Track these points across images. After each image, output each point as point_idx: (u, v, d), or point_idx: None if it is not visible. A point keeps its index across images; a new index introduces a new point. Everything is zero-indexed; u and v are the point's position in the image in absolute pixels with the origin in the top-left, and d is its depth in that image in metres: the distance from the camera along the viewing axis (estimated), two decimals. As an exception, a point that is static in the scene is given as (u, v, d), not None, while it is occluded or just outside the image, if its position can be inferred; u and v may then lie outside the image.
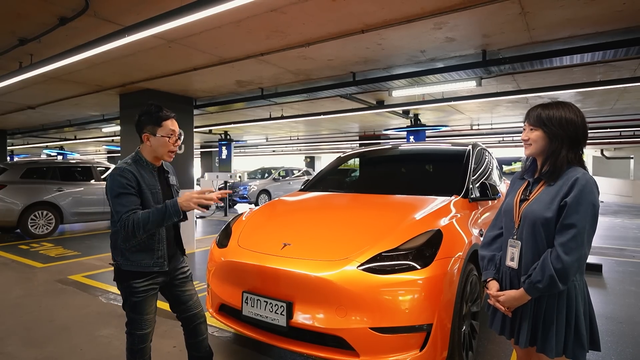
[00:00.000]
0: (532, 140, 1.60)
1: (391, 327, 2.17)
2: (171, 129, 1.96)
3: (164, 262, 2.00)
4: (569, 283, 1.48)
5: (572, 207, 1.45)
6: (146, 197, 1.91)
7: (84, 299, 4.12)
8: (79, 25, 3.43)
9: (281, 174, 15.78)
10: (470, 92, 6.41)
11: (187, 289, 2.16)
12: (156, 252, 1.97)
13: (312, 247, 2.56)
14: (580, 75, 5.47)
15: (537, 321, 1.55)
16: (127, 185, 1.85)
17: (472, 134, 12.33)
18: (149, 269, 1.96)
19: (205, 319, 2.23)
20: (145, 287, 1.97)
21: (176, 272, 2.13)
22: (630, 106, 8.01)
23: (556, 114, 1.57)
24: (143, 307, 1.99)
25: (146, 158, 1.99)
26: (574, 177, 1.50)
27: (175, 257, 2.13)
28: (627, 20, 3.39)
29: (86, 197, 8.31)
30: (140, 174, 1.93)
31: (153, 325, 2.07)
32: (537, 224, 1.53)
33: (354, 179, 4.24)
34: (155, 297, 2.06)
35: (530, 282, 1.50)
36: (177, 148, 1.99)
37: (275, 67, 4.93)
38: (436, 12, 3.19)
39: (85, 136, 14.61)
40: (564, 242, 1.45)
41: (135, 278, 1.95)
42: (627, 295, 4.32)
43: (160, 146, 1.95)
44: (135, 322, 2.00)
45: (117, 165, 1.95)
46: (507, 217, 1.71)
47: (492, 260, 1.75)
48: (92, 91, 6.32)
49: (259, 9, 3.10)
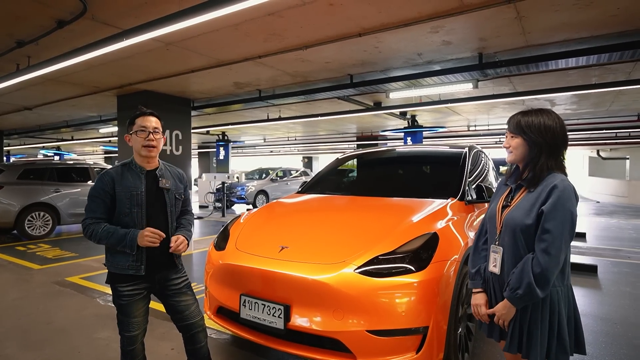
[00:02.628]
0: (513, 147, 1.62)
1: (388, 330, 2.19)
2: (141, 125, 1.98)
3: (141, 265, 1.96)
4: (547, 290, 1.49)
5: (550, 214, 1.47)
6: (120, 199, 1.94)
7: (82, 301, 4.12)
8: (76, 28, 3.43)
9: (279, 175, 15.77)
10: (467, 94, 6.45)
11: (182, 299, 2.12)
12: (131, 255, 1.95)
13: (309, 250, 2.57)
14: (575, 78, 5.51)
15: (522, 329, 1.57)
16: (100, 190, 1.93)
17: (469, 135, 12.38)
18: (125, 271, 1.95)
19: (204, 328, 2.20)
20: (130, 292, 1.98)
21: (167, 281, 2.09)
22: (625, 107, 8.07)
23: (535, 120, 1.57)
24: (129, 310, 1.99)
25: (136, 160, 2.03)
26: (552, 183, 1.51)
27: (167, 266, 2.08)
28: (622, 25, 3.42)
29: (83, 198, 8.25)
30: (122, 177, 1.97)
31: (142, 328, 2.06)
32: (517, 231, 1.55)
33: (352, 181, 4.26)
34: (143, 301, 2.04)
35: (511, 290, 1.52)
36: (151, 142, 1.97)
37: (272, 70, 4.94)
38: (433, 16, 3.21)
39: (83, 137, 14.57)
40: (543, 248, 1.47)
41: (119, 282, 1.97)
42: (622, 296, 4.36)
43: (135, 144, 1.99)
44: (123, 324, 2.02)
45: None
46: (490, 223, 1.74)
47: (479, 272, 1.77)
48: (89, 92, 6.32)
49: (256, 13, 3.12)
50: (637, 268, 5.56)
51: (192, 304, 2.16)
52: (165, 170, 2.14)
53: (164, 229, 2.05)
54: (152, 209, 2.03)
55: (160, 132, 2.04)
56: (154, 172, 2.07)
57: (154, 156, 2.05)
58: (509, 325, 1.60)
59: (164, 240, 2.05)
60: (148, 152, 2.00)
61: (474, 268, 1.78)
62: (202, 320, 2.20)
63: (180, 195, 2.18)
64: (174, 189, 2.13)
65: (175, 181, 2.16)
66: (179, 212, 2.19)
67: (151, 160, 2.06)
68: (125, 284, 1.98)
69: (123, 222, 1.98)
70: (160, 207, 2.06)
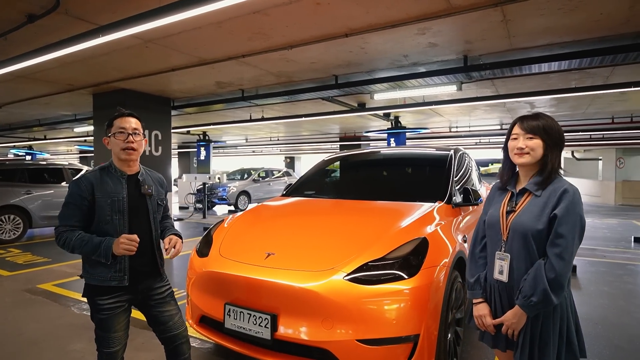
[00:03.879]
0: (531, 148, 1.58)
1: (378, 339, 2.13)
2: (119, 127, 1.86)
3: (124, 276, 1.86)
4: (561, 296, 1.48)
5: (563, 219, 1.47)
6: (100, 206, 1.84)
7: (55, 310, 3.92)
8: (48, 23, 3.26)
9: (261, 175, 15.61)
10: (450, 96, 6.50)
11: (166, 309, 2.02)
12: (114, 265, 1.84)
13: (296, 256, 2.49)
14: (556, 82, 5.62)
15: (534, 337, 1.54)
16: (76, 195, 1.81)
17: (451, 136, 12.54)
18: (106, 283, 1.84)
19: (188, 339, 2.11)
20: (111, 305, 1.86)
21: (151, 291, 1.99)
22: (600, 111, 8.31)
23: (553, 124, 1.59)
24: (110, 325, 1.87)
25: (115, 164, 1.92)
26: (561, 188, 1.52)
27: (150, 275, 1.99)
28: (603, 30, 3.48)
29: (57, 200, 7.96)
30: (102, 181, 1.87)
31: (123, 343, 1.95)
32: (529, 236, 1.53)
33: (338, 184, 4.20)
34: (124, 314, 1.94)
35: (524, 298, 1.49)
36: (130, 145, 1.87)
37: (256, 69, 4.84)
38: (421, 17, 3.19)
39: (56, 136, 14.04)
40: (557, 253, 1.46)
41: (99, 294, 1.85)
42: (601, 295, 4.45)
43: (114, 146, 1.88)
44: (102, 340, 1.89)
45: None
46: (492, 229, 1.69)
47: (478, 281, 1.73)
48: (63, 90, 6.06)
49: (241, 11, 3.02)
50: (613, 267, 5.70)
51: (175, 314, 2.06)
52: (146, 175, 2.03)
53: (148, 237, 1.95)
54: (134, 215, 1.92)
55: (141, 134, 1.93)
56: (135, 177, 1.96)
57: (134, 159, 1.93)
58: (519, 334, 1.56)
59: (148, 249, 1.96)
60: (127, 156, 1.88)
61: (473, 277, 1.74)
62: (185, 331, 2.10)
63: (162, 200, 2.08)
64: (156, 194, 2.03)
65: (157, 186, 2.06)
66: (160, 218, 2.10)
67: (132, 164, 1.95)
68: (105, 297, 1.86)
69: (103, 230, 1.86)
70: (142, 214, 1.96)
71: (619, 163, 18.64)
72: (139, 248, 1.89)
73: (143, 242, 1.93)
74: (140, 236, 1.89)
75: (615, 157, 18.61)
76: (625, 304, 4.20)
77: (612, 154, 18.58)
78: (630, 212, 12.60)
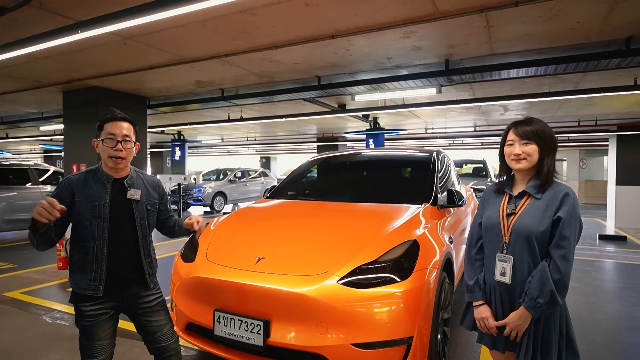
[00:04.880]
0: (527, 153, 1.62)
1: (373, 342, 2.13)
2: (109, 133, 1.79)
3: (99, 286, 1.77)
4: (565, 297, 1.53)
5: (567, 222, 1.52)
6: (79, 210, 1.77)
7: (25, 320, 3.71)
8: (20, 16, 3.07)
9: (237, 176, 15.40)
10: (430, 98, 6.61)
11: (154, 319, 1.95)
12: (89, 274, 1.77)
13: (288, 260, 2.46)
14: (530, 86, 5.82)
15: (537, 337, 1.58)
16: (56, 196, 1.71)
17: (427, 137, 12.78)
18: (82, 291, 1.78)
19: (178, 352, 2.03)
20: (94, 312, 1.80)
21: (138, 299, 1.91)
22: (568, 114, 8.68)
23: (545, 129, 1.63)
24: (93, 333, 1.80)
25: (102, 167, 1.86)
26: (562, 191, 1.57)
27: (136, 282, 1.91)
28: (578, 38, 3.63)
29: (22, 202, 7.57)
30: (85, 184, 1.81)
31: (108, 352, 1.86)
32: (532, 238, 1.56)
33: (323, 186, 4.17)
34: (109, 322, 1.85)
35: (531, 299, 1.52)
36: (118, 154, 1.79)
37: (238, 69, 4.75)
38: (407, 21, 3.21)
39: (19, 134, 13.32)
40: (562, 254, 1.51)
41: (82, 300, 1.79)
42: (573, 292, 4.64)
43: (102, 152, 1.82)
44: (86, 348, 1.81)
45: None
46: (491, 231, 1.72)
47: (477, 283, 1.75)
48: (30, 87, 5.74)
49: (228, 9, 2.95)
50: (582, 264, 5.97)
51: (165, 324, 1.98)
52: (136, 179, 1.94)
53: (133, 245, 1.88)
54: (117, 221, 1.83)
55: (132, 141, 1.85)
56: (122, 180, 1.88)
57: (121, 168, 1.86)
58: (522, 335, 1.59)
59: (132, 256, 1.88)
60: (114, 164, 1.82)
61: (472, 280, 1.76)
62: (176, 342, 2.03)
63: (154, 206, 1.99)
64: (146, 199, 1.93)
65: (148, 190, 1.97)
66: (153, 224, 2.01)
67: (120, 169, 1.87)
68: (88, 303, 1.79)
69: (82, 236, 1.79)
70: (128, 220, 1.87)
71: (582, 164, 19.60)
72: (122, 254, 1.85)
73: (127, 249, 1.87)
74: (122, 243, 1.84)
75: (578, 158, 19.55)
76: (596, 300, 4.40)
77: (576, 155, 19.51)
78: (594, 211, 13.25)
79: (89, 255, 1.78)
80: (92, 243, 1.78)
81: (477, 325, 1.74)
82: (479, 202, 1.90)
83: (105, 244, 1.79)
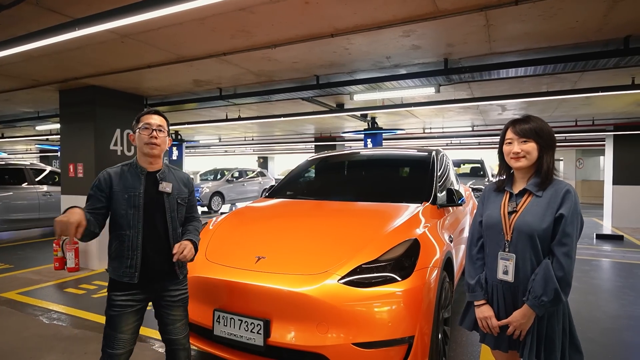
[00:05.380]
0: (526, 151, 1.62)
1: (374, 342, 2.12)
2: (145, 123, 1.94)
3: (135, 272, 1.88)
4: (568, 294, 1.52)
5: (569, 219, 1.52)
6: (116, 200, 1.91)
7: (22, 320, 3.68)
8: (16, 13, 3.04)
9: (235, 175, 15.38)
10: (428, 98, 6.61)
11: (172, 313, 2.04)
12: (125, 261, 1.89)
13: (288, 260, 2.45)
14: (528, 85, 5.83)
15: (540, 336, 1.57)
16: (95, 188, 1.92)
17: (424, 137, 12.78)
18: (119, 278, 1.90)
19: (186, 348, 2.11)
20: (123, 302, 1.89)
21: (165, 292, 2.01)
22: (566, 114, 8.70)
23: (544, 126, 1.64)
24: (117, 323, 1.89)
25: (138, 161, 1.99)
26: (563, 189, 1.57)
27: (167, 274, 1.99)
28: (577, 37, 3.63)
29: (17, 202, 7.53)
30: (122, 176, 1.94)
31: (128, 349, 1.93)
32: (535, 236, 1.56)
33: (322, 185, 4.16)
34: (135, 316, 1.94)
35: (535, 298, 1.51)
36: (153, 140, 1.93)
37: (237, 68, 4.72)
38: (407, 20, 3.20)
39: (15, 134, 13.23)
40: (565, 252, 1.51)
41: (115, 289, 1.92)
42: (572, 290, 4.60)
43: (139, 142, 1.96)
44: (107, 338, 1.91)
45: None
46: (492, 230, 1.71)
47: (479, 282, 1.74)
48: (26, 86, 5.68)
49: (227, 7, 2.93)
50: (580, 263, 5.98)
51: (179, 320, 2.07)
52: (168, 174, 2.04)
53: (164, 235, 1.97)
54: (150, 212, 1.94)
55: (165, 132, 1.99)
56: (155, 174, 1.99)
57: (156, 154, 1.96)
58: (526, 334, 1.59)
59: (164, 247, 1.96)
60: (150, 150, 1.93)
61: (473, 279, 1.75)
62: (185, 339, 2.09)
63: (184, 200, 2.08)
64: (176, 193, 2.03)
65: (179, 185, 2.07)
66: (182, 218, 2.09)
67: (154, 161, 1.99)
68: (120, 293, 1.90)
69: (118, 224, 1.91)
70: (159, 212, 1.97)
71: (579, 164, 19.68)
72: (155, 244, 1.94)
73: (159, 240, 1.96)
74: (155, 233, 1.94)
75: (575, 157, 19.63)
76: (595, 299, 4.41)
77: (572, 155, 19.58)
78: (590, 210, 13.30)
79: (124, 243, 1.89)
80: (128, 231, 1.89)
81: (479, 325, 1.73)
82: (479, 200, 1.90)
83: (140, 232, 1.90)
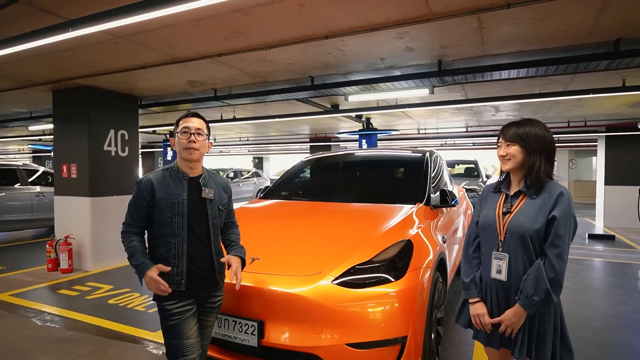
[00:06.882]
0: (511, 154, 1.66)
1: (367, 342, 2.14)
2: (184, 126, 1.89)
3: (181, 280, 1.85)
4: (560, 294, 1.55)
5: (561, 221, 1.55)
6: (160, 207, 1.85)
7: (14, 322, 3.65)
8: (9, 14, 3.02)
9: (230, 176, 15.36)
10: (422, 99, 6.64)
11: (207, 318, 2.05)
12: (172, 269, 1.84)
13: (282, 261, 2.46)
14: (521, 87, 5.88)
15: (531, 334, 1.60)
16: (137, 197, 1.86)
17: (419, 137, 12.84)
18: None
19: (206, 350, 2.10)
20: (179, 309, 1.85)
21: (209, 298, 2.01)
22: (558, 115, 8.78)
23: (531, 130, 1.66)
24: (180, 331, 1.84)
25: (179, 165, 1.94)
26: (556, 191, 1.60)
27: (211, 281, 1.98)
28: (569, 40, 3.67)
29: (10, 203, 7.47)
30: (163, 182, 1.88)
31: (197, 352, 1.89)
32: (527, 237, 1.59)
33: (317, 186, 4.17)
34: (194, 319, 1.91)
35: (527, 297, 1.54)
36: (192, 145, 1.88)
37: (231, 69, 4.73)
38: (401, 22, 3.23)
39: (7, 134, 13.11)
40: (557, 253, 1.53)
41: (165, 299, 1.85)
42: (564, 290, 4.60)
43: (178, 146, 1.92)
44: (175, 350, 1.85)
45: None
46: (487, 230, 1.74)
47: (473, 281, 1.77)
48: (19, 86, 5.64)
49: (221, 9, 2.93)
50: (572, 263, 6.04)
51: (210, 325, 2.09)
52: (209, 179, 2.01)
53: (206, 241, 1.94)
54: (193, 219, 1.90)
55: (205, 135, 1.94)
56: (197, 179, 1.95)
57: (195, 159, 1.91)
58: (517, 332, 1.61)
59: (206, 253, 1.94)
60: (189, 155, 1.88)
61: (468, 277, 1.78)
62: (206, 345, 2.10)
63: (224, 206, 2.06)
64: (218, 199, 2.00)
65: (220, 191, 2.04)
66: (222, 223, 2.07)
67: (194, 166, 1.94)
68: (172, 301, 1.84)
69: (163, 233, 1.85)
70: (202, 218, 1.94)
71: (572, 164, 19.84)
72: (199, 251, 1.91)
73: (202, 246, 1.94)
74: (198, 240, 1.90)
75: (568, 158, 19.80)
76: (587, 298, 4.46)
77: (565, 156, 19.74)
78: (583, 210, 13.42)
79: (171, 252, 1.85)
80: (173, 239, 1.84)
81: (473, 322, 1.76)
82: (477, 200, 1.93)
83: (184, 240, 1.86)
